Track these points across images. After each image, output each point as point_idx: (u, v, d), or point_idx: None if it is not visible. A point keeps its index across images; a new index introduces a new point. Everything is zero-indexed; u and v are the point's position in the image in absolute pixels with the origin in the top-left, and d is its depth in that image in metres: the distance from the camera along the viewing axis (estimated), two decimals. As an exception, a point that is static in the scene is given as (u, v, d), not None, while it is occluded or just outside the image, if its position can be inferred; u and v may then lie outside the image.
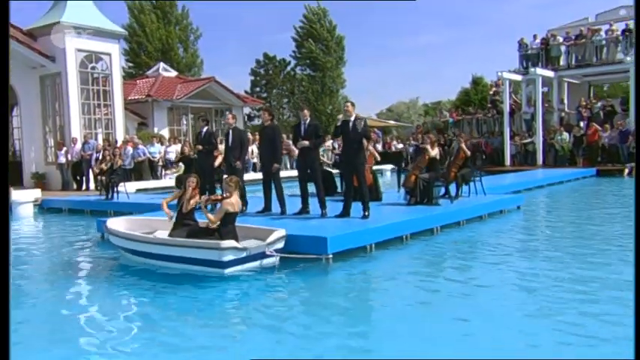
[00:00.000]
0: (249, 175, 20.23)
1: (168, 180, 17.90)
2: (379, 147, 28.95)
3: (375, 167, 12.21)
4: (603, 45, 24.91)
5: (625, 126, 22.63)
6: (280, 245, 6.74)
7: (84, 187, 17.63)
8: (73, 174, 17.79)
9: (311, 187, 9.38)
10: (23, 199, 14.17)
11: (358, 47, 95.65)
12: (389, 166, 22.49)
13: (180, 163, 13.29)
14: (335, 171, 13.24)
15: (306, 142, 8.90)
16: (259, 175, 15.17)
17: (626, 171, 20.55)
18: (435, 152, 10.18)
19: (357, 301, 5.85)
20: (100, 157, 15.90)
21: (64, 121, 18.08)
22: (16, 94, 18.34)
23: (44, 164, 18.66)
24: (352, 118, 8.53)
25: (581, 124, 24.81)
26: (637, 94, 20.65)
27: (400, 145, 30.28)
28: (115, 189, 13.48)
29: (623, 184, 18.79)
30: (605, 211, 12.68)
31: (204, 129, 10.59)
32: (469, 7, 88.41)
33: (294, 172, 10.83)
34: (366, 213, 8.41)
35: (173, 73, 25.71)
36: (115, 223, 7.88)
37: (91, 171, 17.36)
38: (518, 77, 26.12)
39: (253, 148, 22.04)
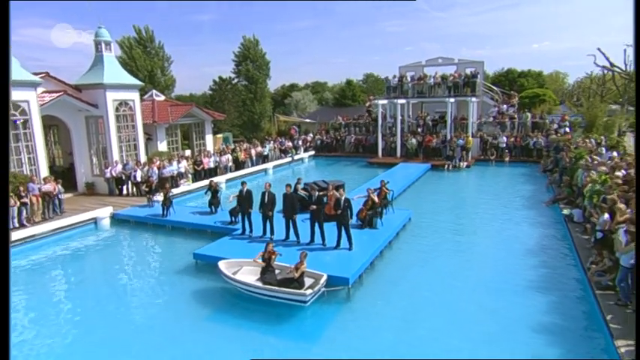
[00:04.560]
0: (227, 175, 21.26)
1: (182, 187, 18.66)
2: (300, 143, 30.67)
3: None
4: (432, 85, 28.44)
5: (443, 137, 26.61)
6: (325, 283, 8.78)
7: (124, 192, 17.96)
8: (116, 185, 17.94)
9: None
10: (103, 215, 14.40)
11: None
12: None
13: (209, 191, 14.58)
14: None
15: (314, 207, 10.78)
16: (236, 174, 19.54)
17: (446, 167, 24.45)
18: (375, 199, 12.61)
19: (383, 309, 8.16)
20: (145, 180, 16.59)
21: (105, 146, 17.91)
22: (68, 127, 17.89)
23: (91, 176, 18.42)
24: (343, 198, 10.68)
25: (419, 129, 28.63)
26: (637, 95, 18.69)
27: (310, 137, 31.88)
28: (168, 210, 14.35)
29: (445, 177, 22.23)
30: (446, 203, 15.88)
31: (245, 189, 12.05)
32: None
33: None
34: (351, 247, 10.35)
35: (162, 97, 24.92)
36: (222, 266, 9.31)
37: (130, 182, 17.77)
38: (385, 101, 28.81)
39: (229, 156, 22.74)
